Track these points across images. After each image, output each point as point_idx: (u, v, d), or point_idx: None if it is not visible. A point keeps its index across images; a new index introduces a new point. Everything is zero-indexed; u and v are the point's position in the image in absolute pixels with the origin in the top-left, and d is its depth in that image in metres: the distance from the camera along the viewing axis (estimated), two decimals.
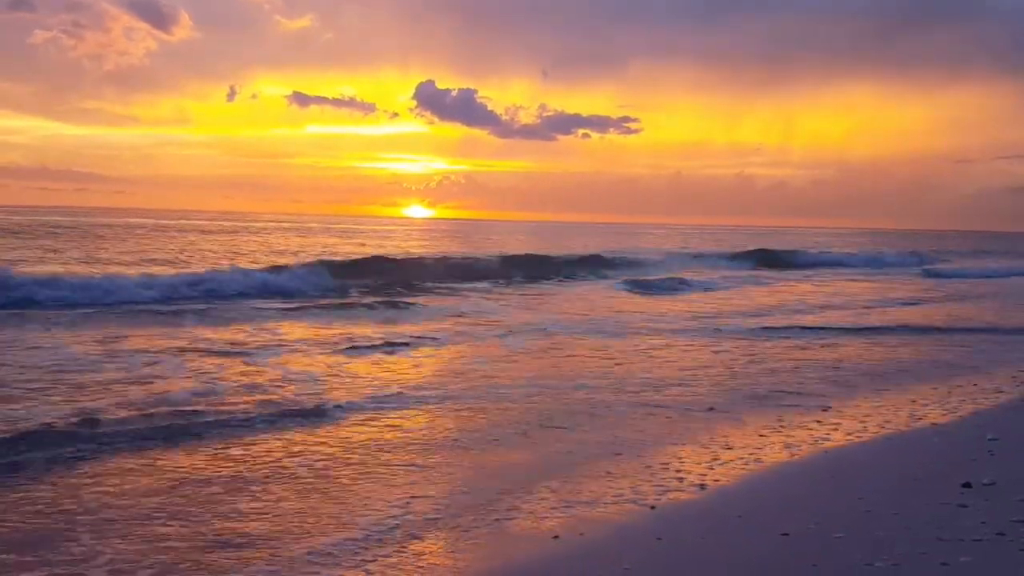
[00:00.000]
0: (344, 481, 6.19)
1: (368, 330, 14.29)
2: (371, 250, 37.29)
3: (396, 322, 15.67)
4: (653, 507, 5.68)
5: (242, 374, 9.95)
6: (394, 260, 29.12)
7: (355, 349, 12.11)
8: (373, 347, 12.32)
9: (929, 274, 36.44)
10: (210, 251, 36.38)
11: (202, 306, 16.47)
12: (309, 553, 4.84)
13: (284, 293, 19.80)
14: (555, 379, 10.37)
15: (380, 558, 4.79)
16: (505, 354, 12.15)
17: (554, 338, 13.90)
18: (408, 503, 5.73)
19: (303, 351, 11.84)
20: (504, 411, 8.54)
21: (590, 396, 9.36)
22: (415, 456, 6.91)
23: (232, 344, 12.14)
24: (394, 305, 18.18)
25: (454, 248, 44.22)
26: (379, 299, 18.98)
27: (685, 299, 22.49)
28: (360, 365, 10.93)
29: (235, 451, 6.88)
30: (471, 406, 8.74)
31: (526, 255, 32.85)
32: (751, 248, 45.34)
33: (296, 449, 6.99)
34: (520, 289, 23.89)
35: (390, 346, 12.44)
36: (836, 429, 7.89)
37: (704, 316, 18.05)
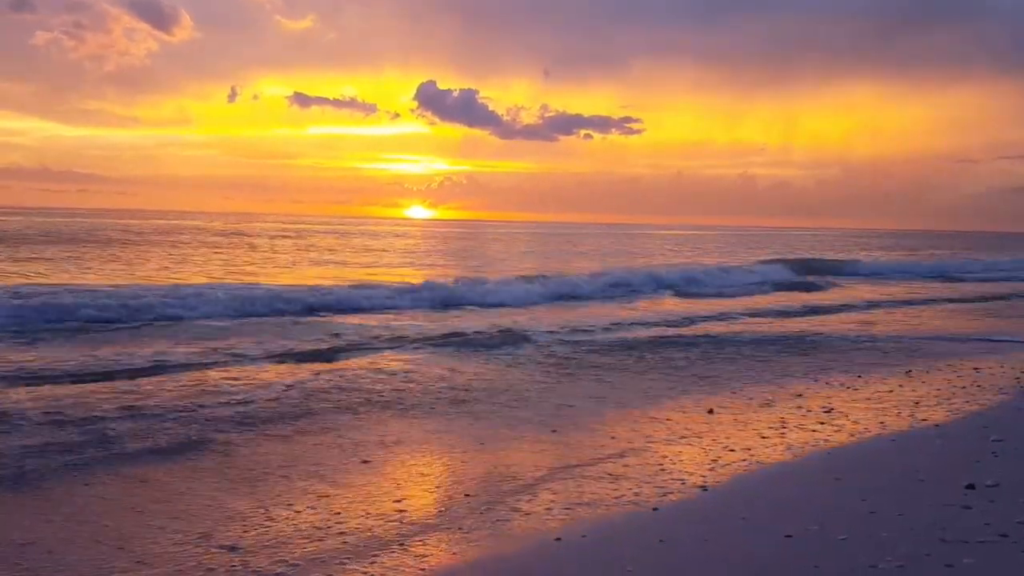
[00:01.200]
0: (344, 480, 6.18)
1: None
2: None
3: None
4: (655, 509, 5.66)
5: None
6: None
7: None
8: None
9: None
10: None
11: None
12: (309, 554, 4.83)
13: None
14: (557, 381, 10.37)
15: (381, 559, 4.77)
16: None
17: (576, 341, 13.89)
18: (409, 504, 5.72)
19: None
20: (506, 413, 8.54)
21: (591, 397, 9.36)
22: (416, 455, 6.91)
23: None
24: None
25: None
26: None
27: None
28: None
29: (236, 448, 6.89)
30: (472, 408, 8.74)
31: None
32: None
33: (298, 446, 7.00)
34: None
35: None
36: (839, 430, 7.87)
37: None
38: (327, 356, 11.72)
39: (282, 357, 11.49)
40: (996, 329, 16.71)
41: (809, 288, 27.07)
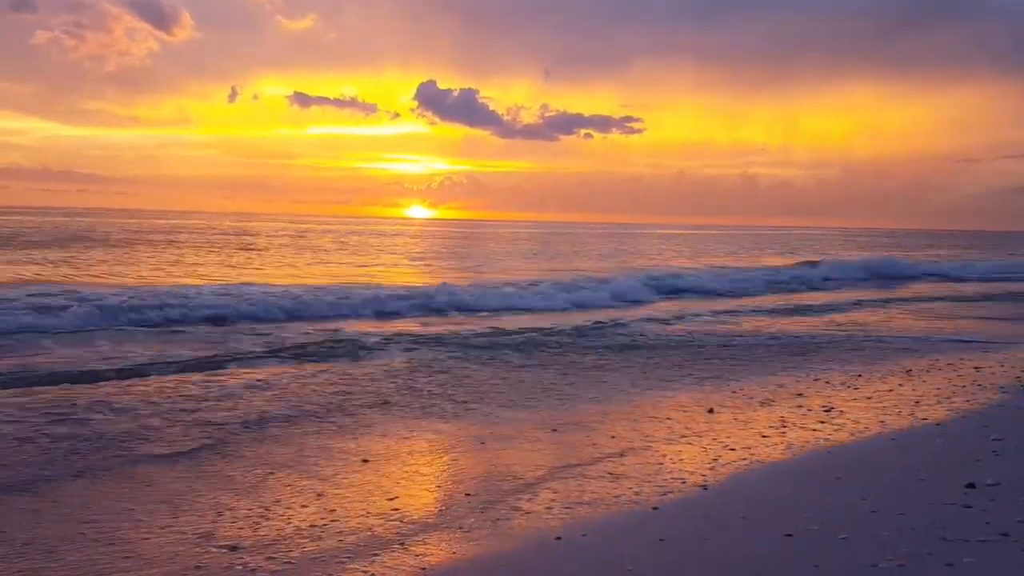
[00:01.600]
0: (343, 480, 6.18)
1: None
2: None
3: None
4: (655, 508, 5.65)
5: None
6: None
7: None
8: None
9: None
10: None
11: None
12: (309, 553, 4.82)
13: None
14: (557, 380, 10.37)
15: (381, 558, 4.77)
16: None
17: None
18: (409, 503, 5.72)
19: None
20: (506, 413, 8.54)
21: (591, 397, 9.36)
22: (416, 455, 6.91)
23: None
24: None
25: None
26: None
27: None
28: None
29: (240, 450, 6.89)
30: (473, 408, 8.74)
31: None
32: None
33: (298, 446, 6.99)
34: None
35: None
36: (839, 429, 7.86)
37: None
38: (327, 356, 11.72)
39: (282, 357, 11.49)
40: (996, 329, 16.70)
41: (808, 288, 27.21)
